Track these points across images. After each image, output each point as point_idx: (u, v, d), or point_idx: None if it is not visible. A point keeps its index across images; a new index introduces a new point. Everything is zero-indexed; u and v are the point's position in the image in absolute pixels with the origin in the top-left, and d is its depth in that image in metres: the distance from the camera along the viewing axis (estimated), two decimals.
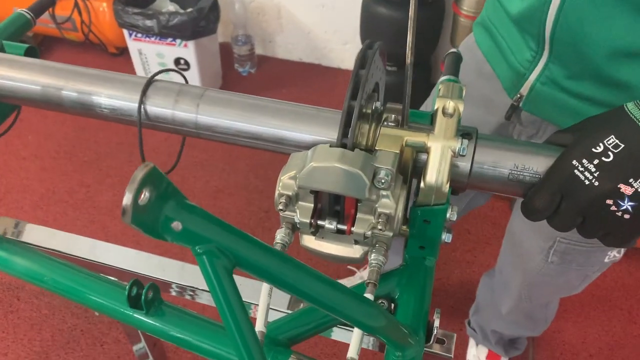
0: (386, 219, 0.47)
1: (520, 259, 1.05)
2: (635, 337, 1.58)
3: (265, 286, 0.48)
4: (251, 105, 0.57)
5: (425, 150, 0.49)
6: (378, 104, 0.54)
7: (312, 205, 0.49)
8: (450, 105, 0.50)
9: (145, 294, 0.55)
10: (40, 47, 2.58)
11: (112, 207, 1.94)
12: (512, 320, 1.26)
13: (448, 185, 0.49)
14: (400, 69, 2.06)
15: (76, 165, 2.08)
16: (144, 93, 0.58)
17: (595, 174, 0.46)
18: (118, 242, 1.85)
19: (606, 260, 0.93)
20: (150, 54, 2.16)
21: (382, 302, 0.52)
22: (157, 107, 0.59)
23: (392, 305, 0.53)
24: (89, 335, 1.59)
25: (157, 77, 0.60)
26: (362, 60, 0.49)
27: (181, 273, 0.76)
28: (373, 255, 0.49)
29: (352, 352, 0.46)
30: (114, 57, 2.54)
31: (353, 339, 0.47)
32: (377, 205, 0.47)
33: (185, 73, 2.16)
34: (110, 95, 0.59)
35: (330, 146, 0.47)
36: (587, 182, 0.46)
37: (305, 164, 0.47)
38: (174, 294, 0.79)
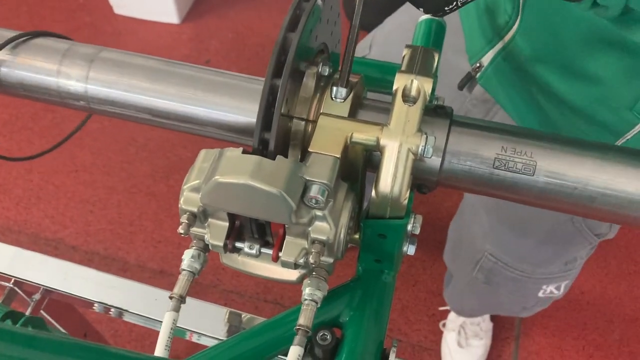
0: (322, 245, 0.35)
1: (457, 254, 0.96)
2: (630, 274, 1.50)
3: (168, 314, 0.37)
4: (155, 71, 0.43)
5: (377, 149, 0.36)
6: (326, 67, 0.40)
7: (227, 223, 0.37)
8: (413, 85, 0.36)
9: None
10: None
11: (80, 134, 1.79)
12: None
13: (408, 194, 0.36)
14: None
15: None
16: None
17: None
18: (87, 173, 1.74)
19: (540, 294, 0.82)
20: None
21: (324, 334, 0.41)
22: (35, 73, 0.45)
23: (339, 334, 0.42)
24: None
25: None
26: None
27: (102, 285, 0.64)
28: (307, 289, 0.37)
29: None
30: None
31: None
32: (310, 229, 0.35)
33: None
34: None
35: (244, 152, 0.34)
36: None
37: (212, 173, 0.34)
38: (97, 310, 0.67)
